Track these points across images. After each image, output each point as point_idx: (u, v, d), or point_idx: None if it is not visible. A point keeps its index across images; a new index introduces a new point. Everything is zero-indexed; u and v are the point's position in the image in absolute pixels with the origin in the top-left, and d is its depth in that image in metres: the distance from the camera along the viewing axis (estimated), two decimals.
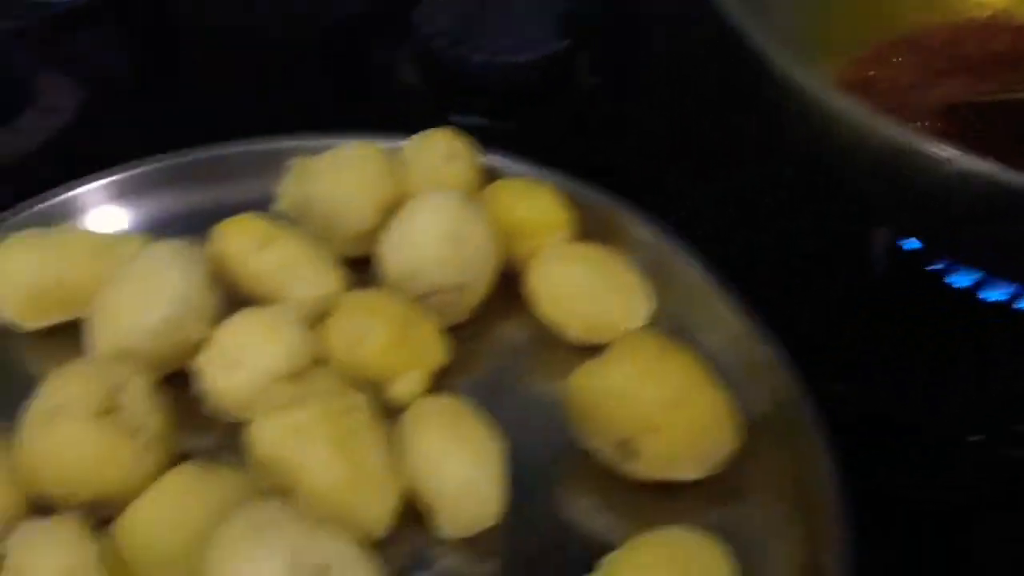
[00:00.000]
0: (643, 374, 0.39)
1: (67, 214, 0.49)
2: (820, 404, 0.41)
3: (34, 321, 0.45)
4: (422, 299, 0.45)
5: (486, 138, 0.52)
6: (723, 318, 0.45)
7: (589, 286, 0.45)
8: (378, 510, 0.38)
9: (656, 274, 0.47)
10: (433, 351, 0.44)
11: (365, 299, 0.44)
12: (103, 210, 0.50)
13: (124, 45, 0.66)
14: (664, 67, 0.67)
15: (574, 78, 0.65)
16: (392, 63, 0.67)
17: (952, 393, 0.48)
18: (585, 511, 0.41)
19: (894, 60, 0.55)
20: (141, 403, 0.39)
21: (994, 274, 0.48)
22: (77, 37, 0.64)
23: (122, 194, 0.51)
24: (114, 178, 0.50)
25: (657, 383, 0.39)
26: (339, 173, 0.47)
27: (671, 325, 0.46)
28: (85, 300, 0.44)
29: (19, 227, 0.47)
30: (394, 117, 0.64)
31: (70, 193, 0.49)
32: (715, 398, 0.40)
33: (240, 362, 0.41)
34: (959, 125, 0.48)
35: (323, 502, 0.37)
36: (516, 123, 0.63)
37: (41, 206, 0.49)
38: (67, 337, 0.45)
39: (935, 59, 0.55)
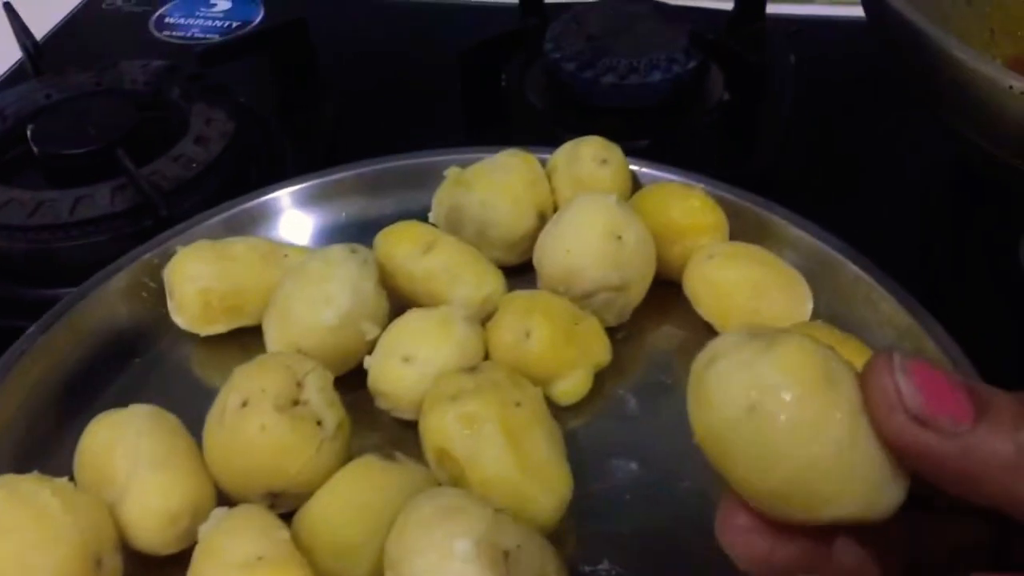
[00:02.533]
0: None
1: (233, 227, 0.51)
2: None
3: (208, 327, 0.47)
4: (582, 300, 0.45)
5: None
6: (887, 314, 0.44)
7: (750, 284, 0.45)
8: (550, 503, 0.38)
9: (811, 273, 0.47)
10: (597, 350, 0.44)
11: (528, 298, 0.45)
12: (266, 222, 0.52)
13: (268, 78, 0.69)
14: (795, 80, 0.67)
15: (706, 95, 0.66)
16: (521, 87, 0.68)
17: None
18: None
19: None
20: (321, 396, 0.40)
21: None
22: (224, 72, 0.67)
23: (281, 208, 0.53)
24: (274, 194, 0.52)
25: None
26: (493, 179, 0.49)
27: (831, 323, 0.45)
28: (257, 306, 0.46)
29: (189, 240, 0.49)
30: (523, 140, 0.65)
31: (235, 209, 0.51)
32: None
33: (413, 358, 0.42)
34: None
35: (495, 493, 0.37)
36: (649, 141, 0.64)
37: (209, 221, 0.51)
38: (240, 343, 0.47)
39: None
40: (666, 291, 0.48)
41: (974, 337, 0.43)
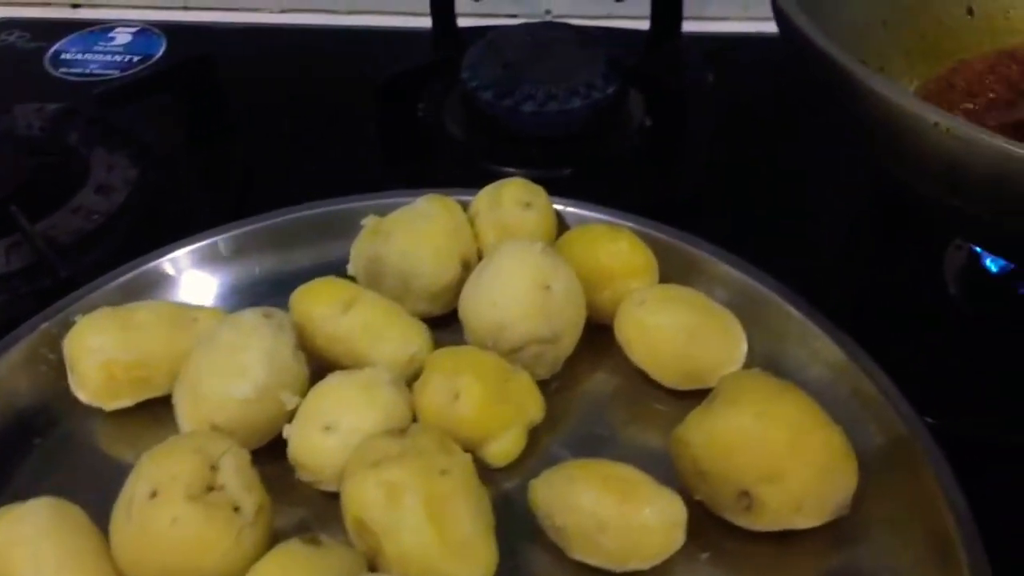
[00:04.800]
0: (757, 419, 0.37)
1: (138, 289, 0.48)
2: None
3: (114, 401, 0.44)
4: (512, 354, 0.43)
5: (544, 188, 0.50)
6: (822, 352, 0.44)
7: (684, 329, 0.43)
8: None
9: (743, 310, 0.46)
10: (530, 408, 0.42)
11: (456, 355, 0.43)
12: (173, 282, 0.49)
13: (174, 118, 0.66)
14: (716, 100, 0.67)
15: (627, 121, 0.65)
16: (439, 117, 0.66)
17: None
18: (701, 568, 0.39)
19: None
20: (239, 479, 0.37)
21: None
22: (126, 114, 0.64)
23: (190, 265, 0.50)
24: (182, 251, 0.49)
25: (774, 427, 0.37)
26: (414, 228, 0.46)
27: (766, 364, 0.44)
28: (165, 377, 0.43)
29: (90, 306, 0.46)
30: (444, 172, 0.64)
31: (135, 271, 0.48)
32: (832, 438, 0.38)
33: (336, 427, 0.39)
34: None
35: (412, 568, 0.35)
36: (571, 170, 0.62)
37: (112, 283, 0.48)
38: (151, 414, 0.44)
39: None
40: (597, 335, 0.46)
41: (906, 368, 0.42)
